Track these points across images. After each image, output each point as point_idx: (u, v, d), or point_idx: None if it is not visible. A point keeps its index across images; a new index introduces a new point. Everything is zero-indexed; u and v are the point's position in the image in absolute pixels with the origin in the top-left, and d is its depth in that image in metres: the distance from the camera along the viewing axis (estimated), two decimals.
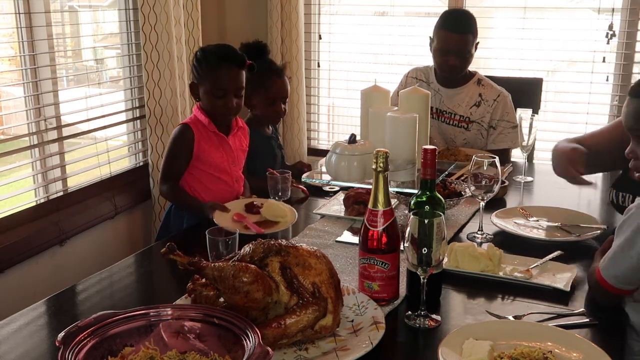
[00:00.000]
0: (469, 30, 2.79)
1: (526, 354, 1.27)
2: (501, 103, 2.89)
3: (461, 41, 2.78)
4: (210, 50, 2.29)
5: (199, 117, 2.28)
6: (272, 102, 2.70)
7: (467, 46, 2.80)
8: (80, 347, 1.14)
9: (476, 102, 2.91)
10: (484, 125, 2.90)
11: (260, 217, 2.05)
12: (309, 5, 3.78)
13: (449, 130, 2.96)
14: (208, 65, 2.24)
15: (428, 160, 1.54)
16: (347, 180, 1.97)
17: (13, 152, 2.55)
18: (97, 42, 3.24)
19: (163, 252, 1.41)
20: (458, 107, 2.94)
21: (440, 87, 2.98)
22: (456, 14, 2.92)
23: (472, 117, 2.91)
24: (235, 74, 2.26)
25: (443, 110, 2.97)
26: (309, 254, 1.37)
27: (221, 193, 2.28)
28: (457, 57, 2.81)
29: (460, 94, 2.94)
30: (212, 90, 2.24)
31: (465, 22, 2.82)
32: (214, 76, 2.24)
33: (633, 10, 3.17)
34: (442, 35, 2.81)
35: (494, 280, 1.68)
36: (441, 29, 2.82)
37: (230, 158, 2.33)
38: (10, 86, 2.88)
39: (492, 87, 2.93)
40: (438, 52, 2.85)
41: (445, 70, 2.89)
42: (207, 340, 1.22)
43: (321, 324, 1.33)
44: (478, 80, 2.94)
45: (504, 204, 2.26)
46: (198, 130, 2.26)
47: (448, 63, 2.83)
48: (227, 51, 2.28)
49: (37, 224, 2.58)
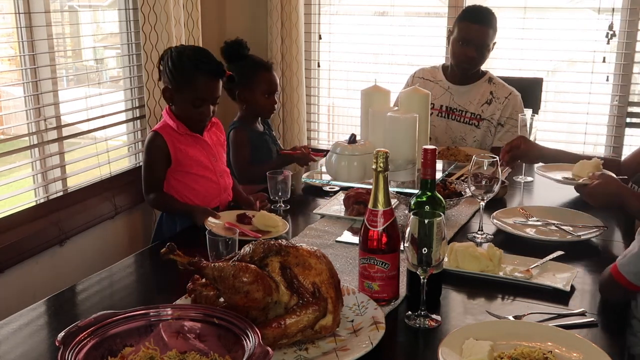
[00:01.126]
0: (489, 23, 2.79)
1: (526, 354, 1.27)
2: (512, 101, 2.89)
3: (480, 32, 2.78)
4: (187, 57, 2.20)
5: (168, 122, 2.25)
6: (266, 95, 2.73)
7: (486, 39, 2.79)
8: (80, 347, 1.14)
9: (487, 99, 2.91)
10: (493, 123, 2.90)
11: (252, 227, 2.04)
12: (309, 5, 3.78)
13: (460, 129, 2.95)
14: (185, 75, 2.18)
15: (428, 160, 1.54)
16: (347, 180, 1.96)
17: (13, 152, 2.55)
18: (97, 42, 3.24)
19: (163, 252, 1.41)
20: (469, 104, 2.93)
21: (451, 85, 2.97)
22: (479, 7, 2.91)
23: (483, 115, 2.91)
24: (214, 85, 2.22)
25: (453, 108, 2.95)
26: (309, 254, 1.37)
27: (208, 191, 2.28)
28: (475, 48, 2.80)
29: (472, 91, 2.94)
30: (190, 100, 2.20)
31: (487, 15, 2.82)
32: (192, 87, 2.18)
33: (633, 10, 3.17)
34: (462, 26, 2.81)
35: (494, 280, 1.68)
36: (462, 20, 2.83)
37: (210, 154, 2.32)
38: (10, 86, 2.88)
39: (503, 85, 2.94)
40: (456, 42, 2.84)
41: (461, 62, 2.87)
42: (207, 340, 1.22)
43: (321, 324, 1.33)
44: (489, 79, 2.95)
45: (504, 204, 2.26)
46: (169, 135, 2.23)
47: (465, 54, 2.82)
48: (206, 60, 2.21)
49: (37, 224, 2.58)
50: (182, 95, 2.21)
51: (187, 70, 2.18)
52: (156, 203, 2.31)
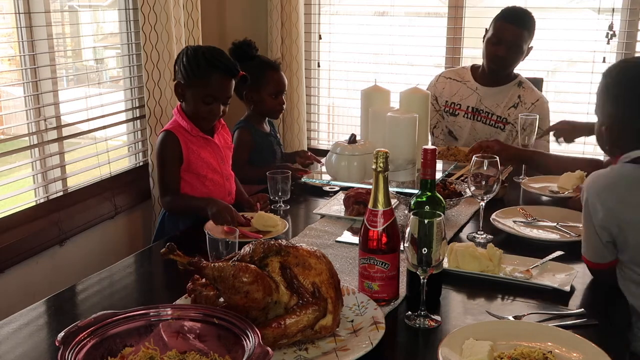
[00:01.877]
0: (524, 25, 2.77)
1: (526, 354, 1.27)
2: (538, 107, 2.86)
3: (514, 33, 2.75)
4: (202, 54, 2.21)
5: (181, 123, 2.24)
6: (274, 95, 2.73)
7: (519, 40, 2.76)
8: (80, 347, 1.14)
9: (514, 103, 2.89)
10: (517, 127, 2.87)
11: (251, 227, 2.03)
12: (309, 5, 3.78)
13: (484, 130, 2.93)
14: (200, 71, 2.18)
15: (428, 160, 1.54)
16: (347, 180, 1.97)
17: (13, 152, 2.55)
18: (97, 42, 3.24)
19: (163, 252, 1.41)
20: (496, 107, 2.91)
21: (479, 86, 2.94)
22: (516, 8, 2.86)
23: (509, 119, 2.89)
24: (227, 84, 2.22)
25: (480, 110, 2.93)
26: (309, 254, 1.37)
27: (213, 193, 2.26)
28: (507, 48, 2.77)
29: (501, 93, 2.91)
30: (201, 96, 2.19)
31: (523, 17, 2.79)
32: (205, 83, 2.18)
33: (633, 10, 3.17)
34: (497, 25, 2.79)
35: (494, 281, 1.68)
36: (498, 20, 2.80)
37: (219, 157, 2.32)
38: (10, 86, 2.88)
39: (532, 90, 2.91)
40: (490, 41, 2.81)
41: (491, 61, 2.84)
42: (207, 340, 1.22)
43: (321, 324, 1.33)
44: (519, 83, 2.92)
45: (504, 204, 2.26)
46: (182, 135, 2.22)
47: (497, 53, 2.79)
48: (221, 59, 2.22)
49: (37, 224, 2.58)
50: (194, 90, 2.20)
51: (202, 66, 2.18)
52: (173, 205, 2.23)
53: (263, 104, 2.74)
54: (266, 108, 2.75)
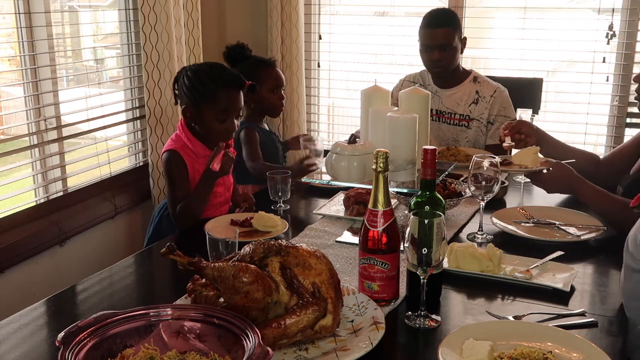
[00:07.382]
0: (446, 24, 2.82)
1: (526, 354, 1.27)
2: (498, 98, 2.91)
3: (441, 35, 2.81)
4: (204, 73, 2.18)
5: (186, 142, 2.20)
6: (273, 91, 2.76)
7: (448, 39, 2.81)
8: (80, 347, 1.14)
9: (474, 99, 2.93)
10: (483, 122, 2.92)
11: (251, 228, 2.03)
12: (309, 5, 3.78)
13: (451, 130, 2.97)
14: (207, 91, 2.15)
15: (428, 160, 1.54)
16: (347, 180, 1.96)
17: (13, 152, 2.55)
18: (97, 42, 3.25)
19: (163, 252, 1.41)
20: (457, 106, 2.96)
21: (438, 89, 3.00)
22: (434, 11, 2.92)
23: (471, 115, 2.93)
24: (236, 96, 2.20)
25: (442, 111, 2.98)
26: (309, 254, 1.37)
27: (215, 205, 2.26)
28: (439, 51, 2.82)
29: (458, 92, 2.96)
30: (214, 115, 2.16)
31: (442, 17, 2.85)
32: (215, 101, 2.15)
33: (633, 10, 3.17)
34: (422, 34, 2.86)
35: (494, 281, 1.68)
36: (421, 29, 2.87)
37: None
38: (10, 86, 2.88)
39: (488, 83, 2.95)
40: (422, 50, 2.88)
41: (432, 67, 2.91)
42: (207, 340, 1.22)
43: (321, 324, 1.33)
44: (474, 78, 2.97)
45: (504, 204, 2.26)
46: (187, 155, 2.19)
47: (432, 59, 2.85)
48: (223, 73, 2.20)
49: (37, 224, 2.58)
50: (205, 112, 2.16)
51: (207, 86, 2.16)
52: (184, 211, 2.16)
53: (263, 101, 2.76)
54: (267, 105, 2.77)
